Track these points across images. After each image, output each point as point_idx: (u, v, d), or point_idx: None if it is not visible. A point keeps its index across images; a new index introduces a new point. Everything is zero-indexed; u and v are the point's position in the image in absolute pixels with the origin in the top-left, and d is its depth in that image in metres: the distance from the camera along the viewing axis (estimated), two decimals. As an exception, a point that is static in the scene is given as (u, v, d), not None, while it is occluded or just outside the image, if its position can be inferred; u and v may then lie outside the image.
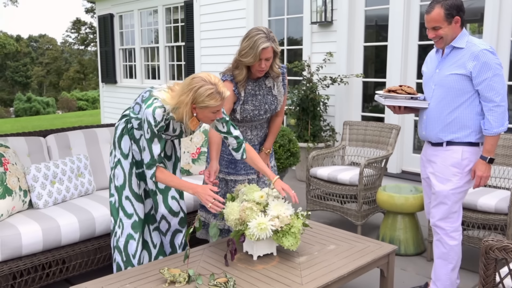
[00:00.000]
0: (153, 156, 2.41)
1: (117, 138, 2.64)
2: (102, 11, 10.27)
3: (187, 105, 2.24)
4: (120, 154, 2.64)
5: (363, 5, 5.37)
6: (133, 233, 2.64)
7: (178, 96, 2.28)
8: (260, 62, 2.66)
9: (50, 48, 42.27)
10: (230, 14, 6.84)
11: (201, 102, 2.24)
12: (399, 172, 5.11)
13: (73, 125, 14.31)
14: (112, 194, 2.69)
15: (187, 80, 2.29)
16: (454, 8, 2.46)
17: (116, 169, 2.65)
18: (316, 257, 2.48)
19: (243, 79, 2.74)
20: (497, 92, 2.44)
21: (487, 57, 2.43)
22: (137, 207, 2.66)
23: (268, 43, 2.62)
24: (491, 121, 2.46)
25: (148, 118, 2.30)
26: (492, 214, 3.02)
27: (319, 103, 5.44)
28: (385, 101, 2.69)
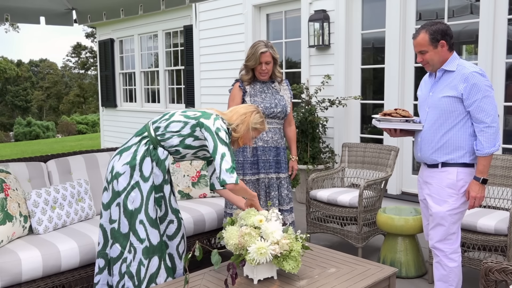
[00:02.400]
0: (234, 159, 2.57)
1: (139, 161, 2.60)
2: (102, 36, 10.41)
3: (249, 123, 2.69)
4: (139, 177, 2.60)
5: (359, 28, 5.46)
6: (143, 259, 2.60)
7: (239, 115, 2.70)
8: (261, 65, 3.24)
9: (51, 72, 42.63)
10: (229, 38, 6.94)
11: (255, 124, 2.70)
12: (399, 193, 5.12)
13: (72, 149, 14.36)
14: (114, 220, 2.62)
15: (243, 105, 2.78)
16: (439, 33, 2.55)
17: (132, 192, 2.59)
18: (316, 281, 2.47)
19: (249, 79, 3.33)
20: (487, 113, 2.48)
21: (476, 79, 2.48)
22: (151, 232, 2.60)
23: (266, 48, 3.23)
24: (483, 142, 2.49)
25: (224, 127, 2.58)
26: (492, 235, 3.01)
27: (318, 125, 5.48)
28: (380, 124, 2.74)
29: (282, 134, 3.43)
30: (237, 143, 2.72)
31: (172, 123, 2.62)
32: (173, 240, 2.76)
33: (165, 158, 2.65)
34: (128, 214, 2.59)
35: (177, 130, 2.62)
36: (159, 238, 2.63)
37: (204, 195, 3.95)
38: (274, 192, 3.37)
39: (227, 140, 2.55)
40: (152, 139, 2.63)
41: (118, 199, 2.61)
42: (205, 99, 7.55)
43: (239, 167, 3.38)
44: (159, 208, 2.68)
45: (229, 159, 2.52)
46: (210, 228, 3.61)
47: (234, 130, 2.67)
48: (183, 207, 3.64)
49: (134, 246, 2.60)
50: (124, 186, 2.60)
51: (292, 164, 3.51)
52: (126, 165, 2.61)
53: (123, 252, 2.60)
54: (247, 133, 2.70)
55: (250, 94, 3.31)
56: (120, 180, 2.61)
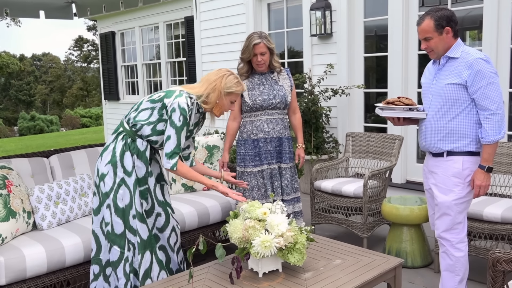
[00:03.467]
0: (179, 145, 2.49)
1: (119, 157, 2.58)
2: (103, 29, 10.36)
3: (222, 88, 2.58)
4: (123, 173, 2.57)
5: (362, 16, 5.39)
6: (136, 253, 2.60)
7: (208, 83, 2.59)
8: (256, 57, 3.21)
9: (53, 66, 42.63)
10: (230, 29, 6.88)
11: (229, 88, 2.59)
12: (403, 182, 5.08)
13: (77, 143, 14.38)
14: (107, 223, 2.59)
15: (213, 72, 2.66)
16: (444, 19, 2.49)
17: (120, 189, 2.56)
18: (322, 273, 2.45)
19: (245, 72, 3.31)
20: (492, 100, 2.44)
21: (481, 66, 2.44)
22: (140, 227, 2.60)
23: (259, 39, 3.19)
24: (488, 129, 2.45)
25: (182, 105, 2.48)
26: (498, 224, 2.99)
27: (321, 115, 5.44)
28: (383, 113, 2.70)
29: (285, 124, 3.40)
30: (213, 113, 2.66)
31: (141, 112, 2.57)
32: (163, 233, 2.73)
33: (145, 149, 2.60)
34: (120, 212, 2.57)
35: (145, 118, 2.56)
36: (148, 233, 2.61)
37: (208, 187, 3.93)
38: (277, 183, 3.35)
39: (178, 122, 2.48)
40: (128, 132, 2.60)
41: (107, 200, 2.58)
42: (207, 91, 7.50)
43: (241, 159, 3.36)
44: (145, 201, 2.66)
45: (172, 144, 2.48)
46: (214, 221, 3.60)
47: (204, 102, 2.60)
48: (186, 199, 3.63)
49: (132, 242, 2.58)
50: (111, 186, 2.57)
51: (299, 152, 3.49)
52: (108, 164, 2.58)
53: (123, 253, 2.58)
54: (222, 99, 2.62)
55: (248, 88, 3.31)
56: (106, 181, 2.58)
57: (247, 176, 3.33)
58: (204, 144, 3.98)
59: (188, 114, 2.51)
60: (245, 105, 3.31)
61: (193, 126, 2.69)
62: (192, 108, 2.54)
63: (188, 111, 2.50)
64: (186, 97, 2.51)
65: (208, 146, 3.98)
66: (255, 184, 3.31)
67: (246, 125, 3.35)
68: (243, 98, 3.31)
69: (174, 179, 3.90)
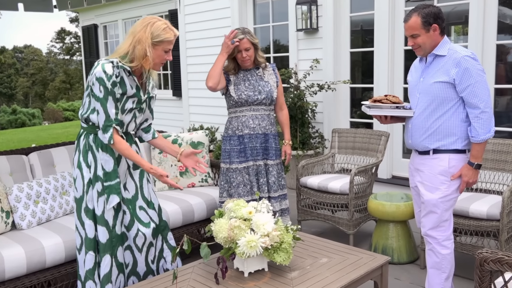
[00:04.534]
0: (109, 116, 2.31)
1: (83, 159, 2.44)
2: (86, 22, 10.17)
3: (147, 39, 2.32)
4: (90, 173, 2.45)
5: (348, 11, 5.36)
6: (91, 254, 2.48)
7: (133, 35, 2.35)
8: (241, 53, 3.18)
9: (35, 58, 41.86)
10: (215, 22, 6.79)
11: (157, 37, 2.34)
12: (389, 177, 5.09)
13: (59, 137, 14.13)
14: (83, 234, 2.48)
15: (138, 22, 2.40)
16: (431, 16, 2.47)
17: (89, 191, 2.45)
18: (308, 272, 2.42)
19: (231, 69, 3.27)
20: (480, 98, 2.42)
21: (468, 64, 2.42)
22: (98, 229, 2.47)
23: (243, 35, 3.16)
24: (478, 128, 2.44)
25: (99, 75, 2.29)
26: (484, 220, 2.99)
27: (307, 110, 5.41)
28: (370, 111, 2.67)
29: (272, 120, 3.36)
30: (144, 67, 2.39)
31: (84, 104, 2.42)
32: (129, 232, 2.58)
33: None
34: (90, 214, 2.47)
35: (87, 107, 2.41)
36: (108, 235, 2.47)
37: (193, 184, 3.88)
38: (262, 179, 3.31)
39: (100, 93, 2.29)
40: (87, 129, 2.47)
41: (83, 204, 2.47)
42: (192, 85, 7.42)
43: (226, 156, 3.31)
44: (117, 196, 2.48)
45: (101, 117, 2.32)
46: (199, 219, 3.55)
47: (131, 59, 2.37)
48: (170, 197, 3.57)
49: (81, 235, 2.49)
50: (81, 189, 2.46)
51: (285, 148, 3.45)
52: (76, 168, 2.48)
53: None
54: (152, 51, 2.36)
55: (234, 83, 3.26)
56: (76, 186, 2.48)
57: (232, 172, 3.28)
58: (189, 140, 3.92)
59: (110, 82, 2.29)
60: (230, 99, 3.26)
61: (136, 91, 2.45)
62: (112, 74, 2.31)
63: (107, 79, 2.29)
64: (102, 65, 2.30)
65: (193, 142, 3.91)
66: (241, 181, 3.26)
67: (232, 121, 3.30)
68: (228, 92, 3.26)
69: (158, 176, 3.83)
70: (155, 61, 2.41)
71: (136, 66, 2.40)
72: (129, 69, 2.38)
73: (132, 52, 2.35)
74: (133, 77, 2.43)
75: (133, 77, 2.43)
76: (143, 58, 2.35)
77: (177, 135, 3.95)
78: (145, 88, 2.54)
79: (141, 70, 2.46)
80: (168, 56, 2.43)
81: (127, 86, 2.40)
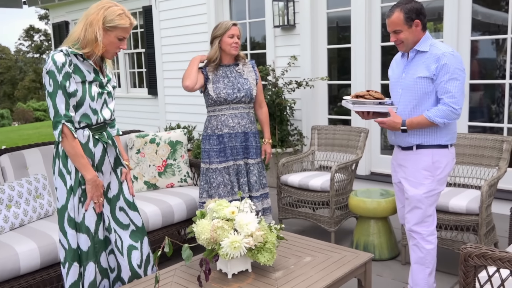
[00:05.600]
0: (58, 111, 2.18)
1: (63, 166, 2.32)
2: (56, 18, 9.89)
3: (98, 21, 2.22)
4: (72, 180, 2.33)
5: (324, 7, 5.35)
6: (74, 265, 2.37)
7: (86, 18, 2.24)
8: (234, 38, 3.13)
9: (3, 57, 40.65)
10: (190, 19, 6.70)
11: (111, 22, 2.24)
12: (368, 174, 5.12)
13: (30, 138, 13.75)
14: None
15: (93, 5, 2.29)
16: (414, 12, 2.47)
17: (71, 199, 2.34)
18: (292, 271, 2.39)
19: (216, 59, 3.18)
20: (451, 95, 2.43)
21: (447, 60, 2.43)
22: (79, 237, 2.36)
23: (236, 24, 3.18)
24: (436, 110, 2.45)
25: (49, 68, 2.18)
26: (463, 215, 3.02)
27: (286, 107, 5.39)
28: (354, 107, 2.65)
29: (251, 118, 3.31)
30: (95, 52, 2.25)
31: (48, 109, 2.28)
32: (110, 234, 2.48)
33: (88, 140, 2.33)
34: (72, 224, 2.35)
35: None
36: (89, 242, 2.37)
37: (172, 184, 3.81)
38: (243, 179, 3.26)
39: (50, 87, 2.17)
40: None
41: (66, 214, 2.35)
42: (168, 83, 7.31)
43: (205, 155, 3.25)
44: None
45: (51, 113, 2.20)
46: (179, 219, 3.47)
47: (83, 45, 2.23)
48: (149, 198, 3.49)
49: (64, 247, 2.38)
50: (63, 198, 2.34)
51: (265, 147, 3.42)
52: (58, 177, 2.35)
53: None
54: (104, 36, 2.23)
55: (212, 81, 3.19)
56: (58, 196, 2.36)
57: (212, 172, 3.22)
58: (167, 139, 3.84)
59: (61, 74, 2.17)
60: (208, 98, 3.20)
61: (94, 74, 2.32)
62: (65, 62, 2.19)
63: (58, 71, 2.16)
64: (52, 57, 2.18)
65: (171, 141, 3.83)
66: (221, 181, 3.21)
67: (211, 120, 3.24)
68: (207, 90, 3.19)
69: (136, 177, 3.75)
70: (106, 48, 2.29)
71: (88, 53, 2.28)
72: (81, 53, 2.26)
73: (83, 36, 2.24)
74: (87, 61, 2.31)
75: (88, 62, 2.31)
76: (94, 42, 2.24)
77: (155, 134, 3.86)
78: (103, 71, 2.43)
79: (94, 56, 2.31)
80: (122, 45, 2.31)
81: (83, 71, 2.28)
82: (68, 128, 2.22)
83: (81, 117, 2.31)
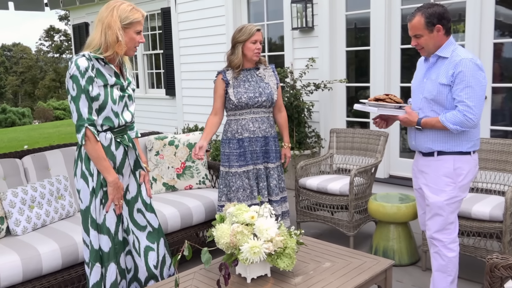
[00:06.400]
0: (81, 115, 2.23)
1: (85, 167, 2.36)
2: (76, 20, 10.03)
3: (116, 22, 2.26)
4: (94, 182, 2.36)
5: (344, 9, 5.31)
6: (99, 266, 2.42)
7: (101, 23, 2.28)
8: (256, 44, 3.12)
9: (24, 56, 41.38)
10: (209, 21, 6.72)
11: (126, 19, 2.29)
12: (386, 177, 5.07)
13: (50, 136, 13.96)
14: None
15: (102, 8, 2.33)
16: (435, 17, 2.41)
17: (93, 201, 2.38)
18: (312, 277, 2.38)
19: (239, 63, 3.16)
20: (466, 104, 2.37)
21: (464, 67, 2.36)
22: (101, 239, 2.41)
23: (258, 27, 3.15)
24: (450, 116, 2.41)
25: (72, 73, 2.22)
26: (487, 222, 2.97)
27: (304, 109, 5.37)
28: (379, 110, 2.59)
29: (271, 122, 3.31)
30: (117, 54, 2.32)
31: (71, 113, 2.33)
32: (128, 236, 2.52)
33: (110, 143, 2.38)
34: (94, 224, 2.39)
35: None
36: (110, 243, 2.41)
37: (190, 186, 3.82)
38: (262, 183, 3.26)
39: (73, 92, 2.22)
40: None
41: (89, 216, 2.38)
42: (186, 84, 7.35)
43: (225, 159, 3.25)
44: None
45: (74, 117, 2.25)
46: (197, 222, 3.49)
47: (105, 49, 2.28)
48: (168, 200, 3.51)
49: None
50: (87, 200, 2.38)
51: (285, 151, 3.40)
52: (81, 179, 2.38)
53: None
54: (124, 35, 2.29)
55: (233, 86, 3.19)
56: (81, 197, 2.39)
57: (231, 176, 3.22)
58: (186, 142, 3.86)
59: (84, 79, 2.22)
60: (229, 102, 3.19)
61: (116, 78, 2.38)
62: (88, 67, 2.24)
63: (81, 76, 2.21)
64: (75, 61, 2.23)
65: (190, 144, 3.85)
66: (240, 185, 3.21)
67: (231, 124, 3.24)
68: (228, 95, 3.19)
69: (155, 179, 3.77)
70: (128, 45, 2.35)
71: (110, 56, 2.33)
72: (102, 57, 2.31)
73: (104, 40, 2.28)
74: (109, 65, 2.36)
75: (109, 65, 2.36)
76: (116, 43, 2.29)
77: (173, 136, 3.89)
78: (124, 75, 2.48)
79: (115, 58, 2.38)
80: (140, 38, 2.38)
81: (105, 75, 2.33)
82: (91, 131, 2.26)
83: (104, 120, 2.35)
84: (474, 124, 2.40)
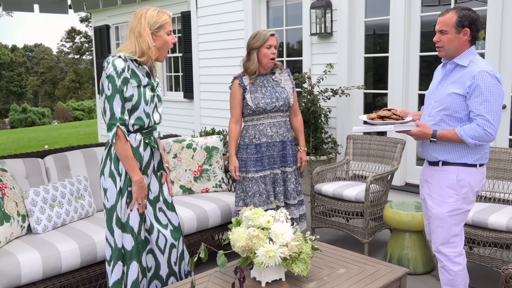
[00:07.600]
0: (114, 114, 2.30)
1: (114, 167, 2.43)
2: (98, 22, 10.20)
3: (145, 29, 2.35)
4: (122, 182, 2.44)
5: (363, 16, 5.32)
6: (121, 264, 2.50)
7: (133, 32, 2.37)
8: (271, 49, 3.13)
9: (45, 57, 42.13)
10: (228, 25, 6.78)
11: (155, 24, 2.37)
12: (403, 184, 5.04)
13: (69, 136, 14.20)
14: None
15: (130, 19, 2.43)
16: (468, 19, 2.38)
17: (120, 200, 2.45)
18: (326, 283, 2.40)
19: (255, 68, 3.18)
20: (485, 118, 2.34)
21: (481, 80, 2.33)
22: (124, 237, 2.48)
23: (274, 33, 3.18)
24: (469, 130, 2.37)
25: (109, 73, 2.30)
26: (504, 232, 2.94)
27: (320, 115, 5.38)
28: (396, 128, 2.51)
29: (288, 126, 3.33)
30: (151, 57, 2.41)
31: (104, 112, 2.38)
32: (151, 235, 2.58)
33: (139, 145, 2.45)
34: (119, 223, 2.46)
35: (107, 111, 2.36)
36: (133, 242, 2.47)
37: (207, 189, 3.86)
38: (279, 188, 3.28)
39: (108, 91, 2.29)
40: None
41: (114, 215, 2.46)
42: (204, 88, 7.42)
43: (242, 164, 3.28)
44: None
45: (107, 115, 2.31)
46: (213, 225, 3.53)
47: (141, 53, 2.38)
48: (185, 202, 3.55)
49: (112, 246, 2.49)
50: (113, 199, 2.44)
51: (301, 155, 3.43)
52: (109, 178, 2.45)
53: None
54: (156, 41, 2.40)
55: (250, 91, 3.22)
56: (108, 196, 2.45)
57: (248, 181, 3.25)
58: (203, 145, 3.90)
59: (120, 79, 2.30)
60: (247, 108, 3.23)
61: (148, 78, 2.46)
62: (124, 67, 2.32)
63: (117, 76, 2.29)
64: (113, 62, 2.31)
65: (207, 147, 3.90)
66: (257, 190, 3.24)
67: (248, 129, 3.27)
68: (245, 101, 3.22)
69: (172, 181, 3.83)
70: (162, 49, 2.44)
71: (144, 60, 2.42)
72: (136, 58, 2.40)
73: (139, 48, 2.37)
74: (142, 66, 2.45)
75: (143, 66, 2.45)
76: (149, 49, 2.38)
77: (191, 139, 3.94)
78: (154, 75, 2.56)
79: (148, 61, 2.48)
80: (172, 38, 2.46)
81: (139, 76, 2.42)
82: (122, 131, 2.34)
83: (136, 120, 2.43)
84: (492, 138, 2.38)
